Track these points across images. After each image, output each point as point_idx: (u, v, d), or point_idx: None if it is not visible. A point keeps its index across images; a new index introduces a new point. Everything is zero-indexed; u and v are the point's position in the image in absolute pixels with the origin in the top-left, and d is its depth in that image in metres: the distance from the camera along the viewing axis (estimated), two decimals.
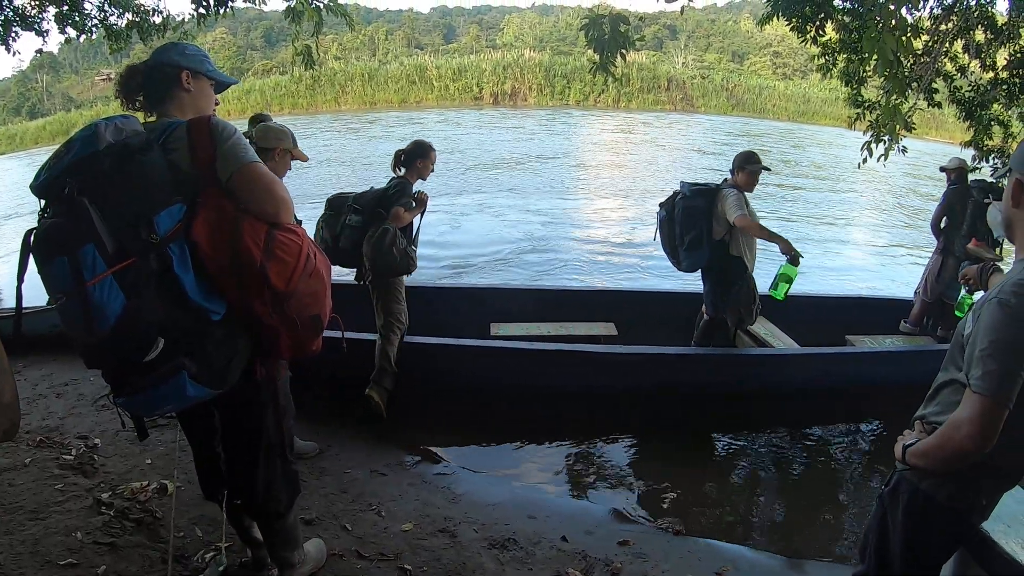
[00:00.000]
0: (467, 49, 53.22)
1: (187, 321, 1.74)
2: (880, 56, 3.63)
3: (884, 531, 1.97)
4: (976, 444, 1.55)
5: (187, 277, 1.73)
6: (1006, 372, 1.52)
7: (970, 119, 6.71)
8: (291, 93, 37.72)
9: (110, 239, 1.62)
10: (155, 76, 1.96)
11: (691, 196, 4.67)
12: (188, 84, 1.98)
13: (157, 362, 1.68)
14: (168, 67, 1.97)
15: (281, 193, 1.90)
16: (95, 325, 1.61)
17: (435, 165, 4.49)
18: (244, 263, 1.77)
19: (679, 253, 4.80)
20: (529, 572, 2.93)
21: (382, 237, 4.16)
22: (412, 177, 4.40)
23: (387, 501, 3.37)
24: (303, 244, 1.89)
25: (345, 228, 4.27)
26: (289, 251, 1.84)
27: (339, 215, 4.36)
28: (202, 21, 7.02)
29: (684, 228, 4.70)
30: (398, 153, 4.45)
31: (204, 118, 1.87)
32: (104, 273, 1.60)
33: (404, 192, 4.29)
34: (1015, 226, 1.68)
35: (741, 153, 4.70)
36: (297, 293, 1.86)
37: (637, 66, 40.22)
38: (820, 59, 6.88)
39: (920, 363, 4.74)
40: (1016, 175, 1.63)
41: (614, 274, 8.94)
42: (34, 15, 6.87)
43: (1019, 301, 1.53)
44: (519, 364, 4.74)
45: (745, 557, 3.35)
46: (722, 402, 4.92)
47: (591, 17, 3.87)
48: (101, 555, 2.59)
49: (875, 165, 5.41)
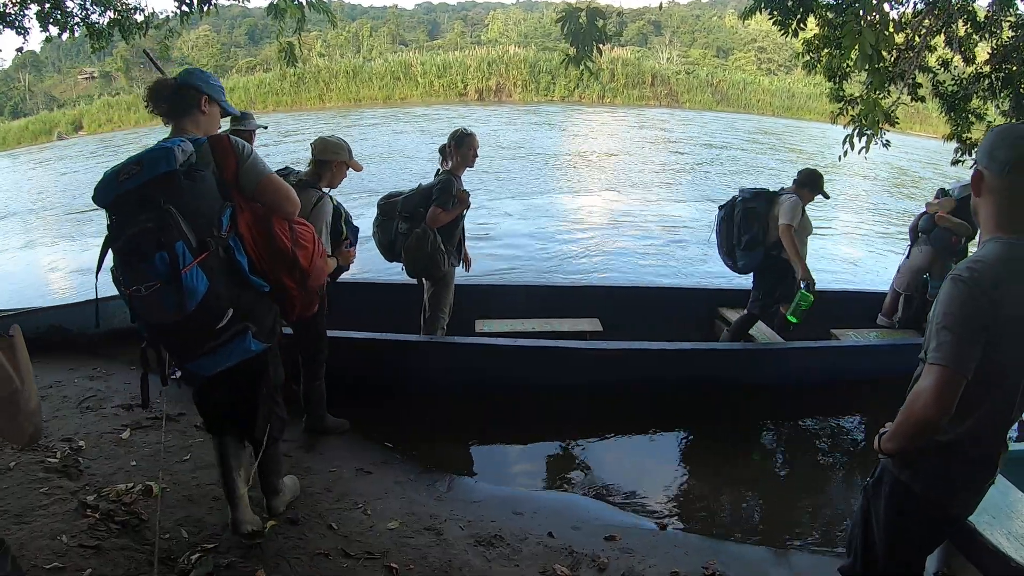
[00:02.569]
0: (452, 45, 53.15)
1: (247, 295, 2.30)
2: (860, 50, 3.66)
3: (868, 523, 2.00)
4: (935, 412, 1.61)
5: (244, 261, 2.26)
6: (960, 341, 1.59)
7: (951, 112, 6.76)
8: (275, 91, 37.55)
9: (193, 237, 2.10)
10: (181, 94, 2.40)
11: (751, 199, 4.83)
12: (205, 108, 2.43)
13: (225, 327, 2.22)
14: (193, 90, 2.41)
15: (294, 197, 2.43)
16: (186, 304, 2.07)
17: (478, 151, 4.52)
18: (279, 249, 2.34)
19: (736, 253, 4.96)
20: (516, 569, 2.94)
21: (417, 239, 4.27)
22: (459, 168, 4.43)
23: (373, 499, 3.36)
24: (312, 233, 2.47)
25: (398, 236, 4.40)
26: (307, 239, 2.44)
27: (391, 219, 4.45)
28: (185, 19, 6.96)
29: (742, 229, 4.86)
30: (442, 147, 4.50)
31: (224, 137, 2.33)
32: (192, 263, 2.07)
33: (446, 191, 4.31)
34: (979, 213, 1.77)
35: (810, 172, 4.85)
36: (315, 270, 2.47)
37: (622, 62, 40.26)
38: (805, 56, 6.91)
39: (905, 357, 4.78)
40: (978, 166, 1.74)
41: (600, 270, 8.97)
42: (15, 13, 6.79)
43: (971, 275, 1.61)
44: (504, 361, 4.74)
45: (731, 550, 3.37)
46: (707, 396, 4.94)
47: (567, 10, 3.87)
48: (87, 558, 2.58)
49: (859, 159, 5.44)
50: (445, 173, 4.42)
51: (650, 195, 14.24)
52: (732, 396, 4.97)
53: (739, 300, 6.00)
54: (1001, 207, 1.69)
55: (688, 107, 39.21)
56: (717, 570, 3.07)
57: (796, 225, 4.62)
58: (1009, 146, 1.65)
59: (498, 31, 61.87)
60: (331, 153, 3.59)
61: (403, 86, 38.88)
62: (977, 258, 1.68)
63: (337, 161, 3.61)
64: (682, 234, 10.85)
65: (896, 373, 2.01)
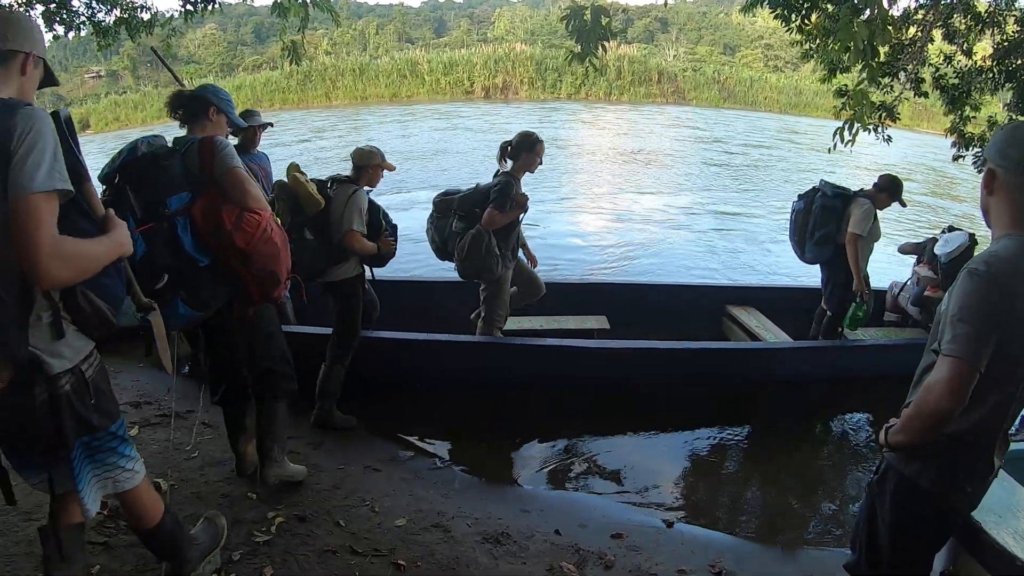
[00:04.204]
0: (458, 43, 52.97)
1: (182, 265, 2.53)
2: (853, 44, 3.68)
3: (873, 520, 2.00)
4: (948, 403, 1.61)
5: (186, 238, 2.53)
6: (975, 334, 1.60)
7: (953, 106, 6.75)
8: (281, 88, 37.46)
9: (140, 211, 2.47)
10: (194, 104, 2.83)
11: (832, 196, 4.90)
12: (213, 116, 2.84)
13: (162, 291, 2.44)
14: (203, 100, 2.83)
15: (248, 188, 2.64)
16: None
17: (542, 157, 4.52)
18: (221, 231, 2.57)
19: (806, 244, 5.05)
20: (523, 566, 2.95)
21: (472, 241, 4.31)
22: (519, 171, 4.42)
23: (380, 497, 3.37)
24: (262, 221, 2.66)
25: (452, 235, 4.43)
26: (250, 224, 2.62)
27: (446, 218, 4.49)
28: (190, 17, 6.99)
29: (817, 224, 4.94)
30: (504, 145, 4.46)
31: (210, 138, 2.68)
32: (135, 230, 2.27)
33: (504, 193, 4.31)
34: (990, 212, 1.78)
35: (892, 179, 4.98)
36: (256, 253, 2.64)
37: (628, 59, 40.13)
38: (804, 45, 6.89)
39: (912, 354, 4.76)
40: (989, 164, 1.74)
41: (608, 267, 8.96)
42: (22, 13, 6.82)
43: (987, 269, 1.62)
44: (510, 359, 4.75)
45: (737, 548, 3.38)
46: (714, 395, 4.94)
47: (572, 8, 3.87)
48: (95, 555, 2.59)
49: (866, 155, 5.44)
50: (505, 175, 4.40)
51: (752, 200, 14.08)
52: (740, 395, 4.96)
53: (747, 298, 6.01)
54: (1015, 204, 1.70)
55: (695, 104, 38.98)
56: (724, 568, 3.07)
57: (864, 234, 4.73)
58: (1021, 144, 1.66)
59: (504, 28, 61.67)
60: (366, 159, 4.08)
61: (410, 84, 38.78)
62: (993, 252, 1.68)
63: (372, 165, 4.08)
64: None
65: (904, 371, 2.00)
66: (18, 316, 1.65)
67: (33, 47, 1.83)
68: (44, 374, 1.74)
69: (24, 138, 1.58)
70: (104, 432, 1.95)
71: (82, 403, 1.84)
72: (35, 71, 1.87)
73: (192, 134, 2.79)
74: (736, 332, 5.74)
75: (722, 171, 17.34)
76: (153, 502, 2.20)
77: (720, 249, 10.05)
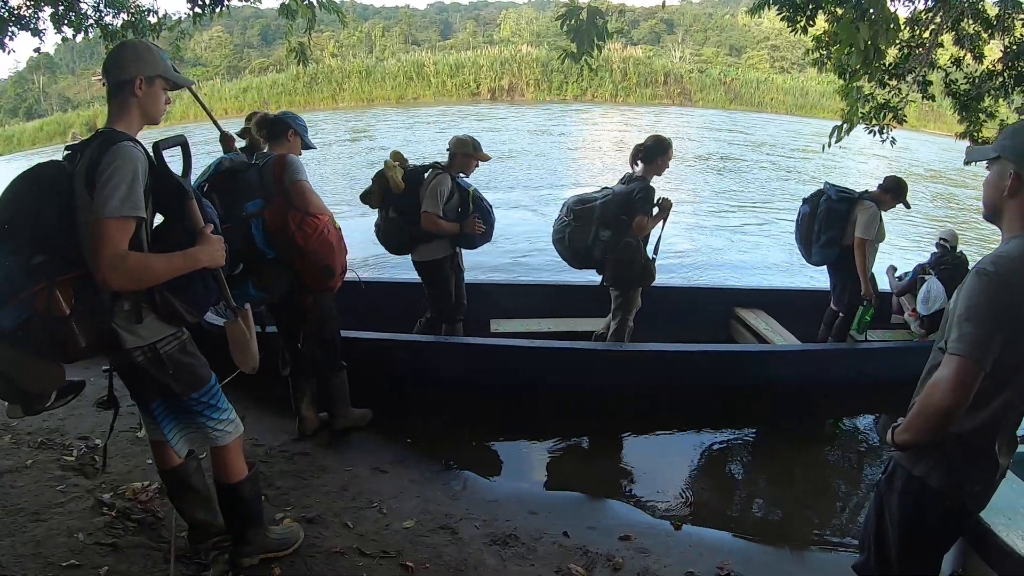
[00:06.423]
0: (464, 45, 53.15)
1: (254, 256, 3.12)
2: (855, 46, 3.68)
3: (881, 520, 1.99)
4: (952, 401, 1.62)
5: (258, 235, 3.12)
6: (982, 334, 1.60)
7: (964, 111, 6.71)
8: (288, 91, 37.60)
9: (224, 214, 2.95)
10: (276, 126, 3.54)
11: (837, 200, 4.92)
12: (291, 138, 3.54)
13: (237, 276, 3.00)
14: (284, 124, 3.53)
15: (311, 198, 3.19)
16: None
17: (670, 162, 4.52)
18: (286, 231, 3.11)
19: (812, 247, 5.07)
20: (531, 568, 2.94)
21: (624, 251, 4.35)
22: (650, 174, 4.40)
23: (388, 498, 3.37)
24: (319, 224, 3.18)
25: (598, 242, 4.41)
26: (310, 227, 3.15)
27: (585, 225, 4.41)
28: (198, 20, 7.00)
29: (823, 227, 4.96)
30: (637, 148, 4.43)
31: (283, 156, 3.27)
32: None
33: (647, 198, 4.32)
34: (1004, 212, 1.76)
35: (897, 180, 5.00)
36: (312, 250, 3.17)
37: (634, 60, 40.14)
38: (814, 53, 6.88)
39: (921, 358, 4.74)
40: (1014, 168, 1.70)
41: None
42: (30, 15, 6.83)
43: (996, 270, 1.63)
44: (518, 362, 4.74)
45: (746, 550, 3.36)
46: (723, 398, 4.92)
47: (568, 7, 3.87)
48: (103, 556, 2.60)
49: (871, 157, 5.43)
50: (641, 179, 4.38)
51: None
52: (748, 397, 4.95)
53: (755, 300, 5.98)
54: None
55: (702, 106, 39.01)
56: (732, 570, 3.06)
57: (871, 238, 4.74)
58: None
59: (510, 30, 61.80)
60: (457, 147, 4.48)
61: (416, 86, 38.88)
62: (1001, 253, 1.68)
63: (461, 153, 4.47)
64: None
65: (914, 373, 1.99)
66: (110, 301, 2.05)
67: (140, 70, 2.09)
68: (121, 345, 2.11)
69: (107, 170, 1.92)
70: (187, 398, 2.27)
71: (160, 371, 2.18)
72: (150, 89, 2.13)
73: (273, 150, 3.45)
74: (744, 334, 5.72)
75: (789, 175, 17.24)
76: (238, 462, 2.48)
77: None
